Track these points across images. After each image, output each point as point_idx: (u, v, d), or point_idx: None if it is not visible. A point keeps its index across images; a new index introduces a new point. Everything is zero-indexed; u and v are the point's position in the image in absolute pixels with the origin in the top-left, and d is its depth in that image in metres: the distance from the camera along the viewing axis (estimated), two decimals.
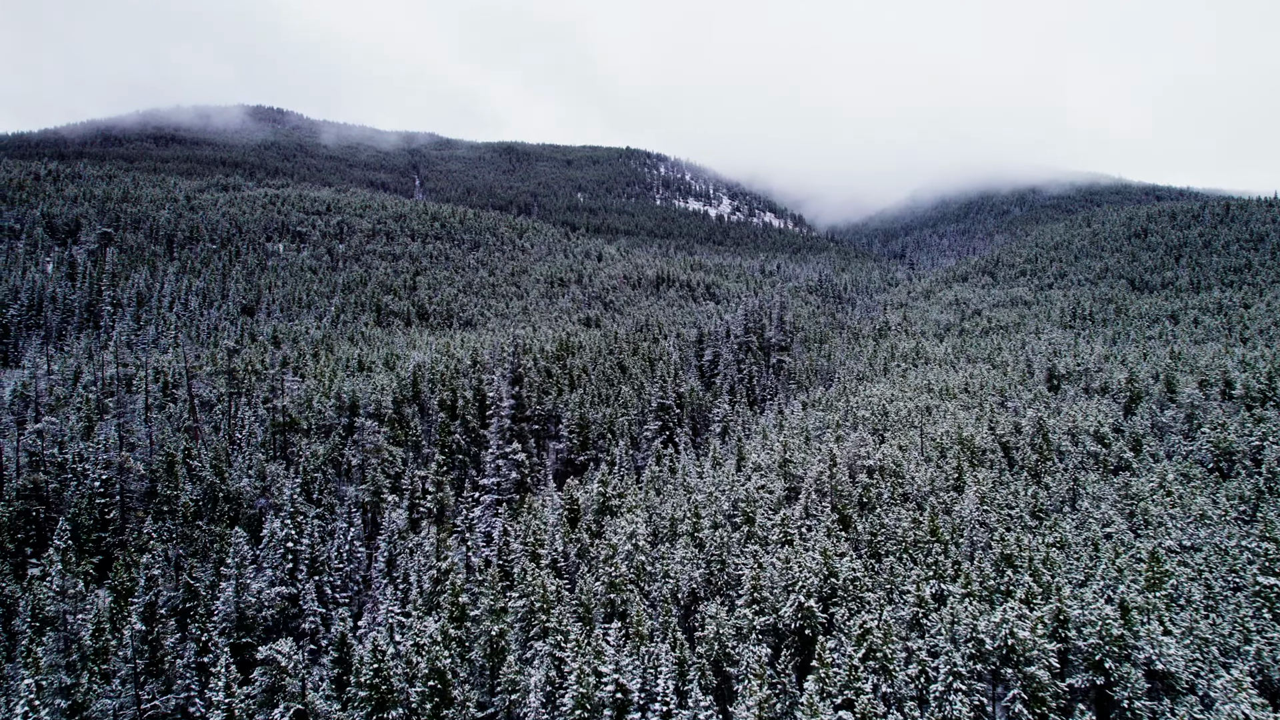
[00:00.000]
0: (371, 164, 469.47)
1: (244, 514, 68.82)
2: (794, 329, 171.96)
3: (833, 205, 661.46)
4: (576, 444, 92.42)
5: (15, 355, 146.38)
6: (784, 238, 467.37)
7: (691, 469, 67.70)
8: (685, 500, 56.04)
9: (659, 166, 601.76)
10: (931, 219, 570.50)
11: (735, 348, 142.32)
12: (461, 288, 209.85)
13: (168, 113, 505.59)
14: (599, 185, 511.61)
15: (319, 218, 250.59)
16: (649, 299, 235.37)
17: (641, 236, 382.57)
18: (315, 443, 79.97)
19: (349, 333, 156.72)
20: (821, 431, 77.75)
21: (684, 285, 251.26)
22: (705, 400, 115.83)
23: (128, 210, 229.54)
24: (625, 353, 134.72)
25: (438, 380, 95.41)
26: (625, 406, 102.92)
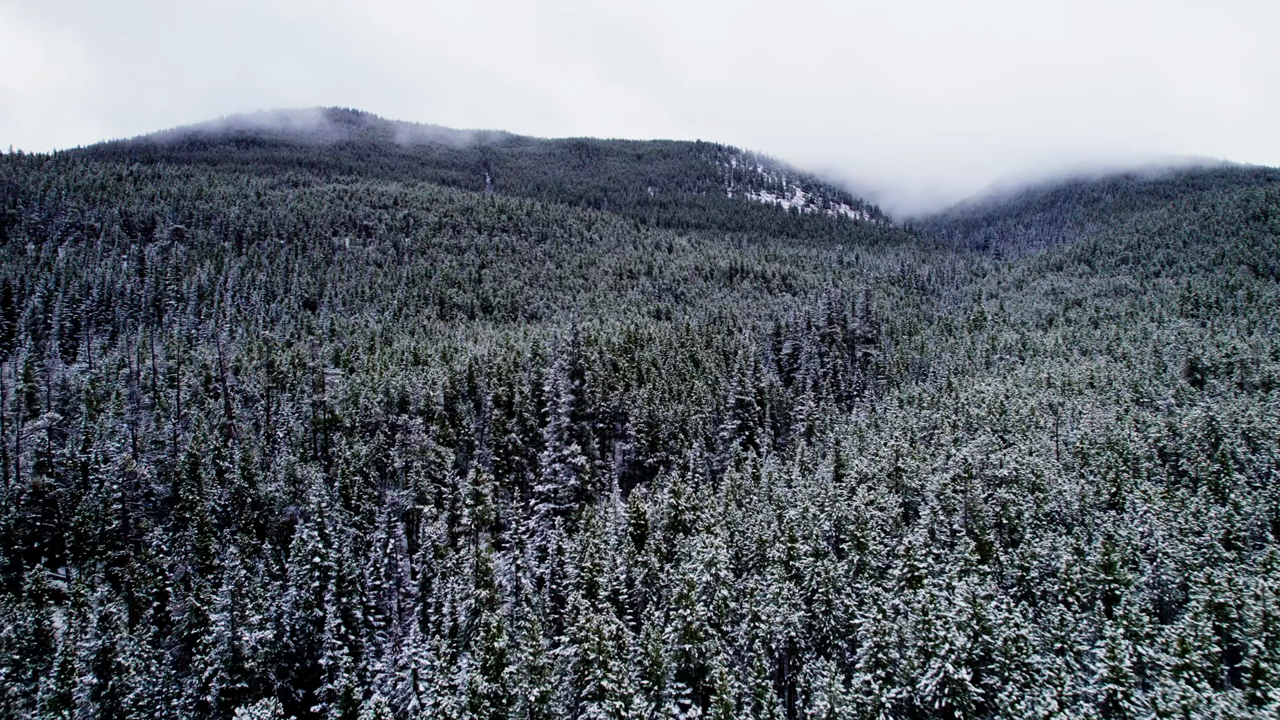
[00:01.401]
0: (444, 162, 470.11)
1: (275, 522, 61.85)
2: (879, 320, 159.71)
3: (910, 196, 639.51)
4: (645, 445, 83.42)
5: (86, 351, 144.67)
6: (860, 229, 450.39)
7: (778, 476, 57.92)
8: (774, 517, 46.44)
9: (730, 159, 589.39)
10: (1015, 208, 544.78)
11: (817, 340, 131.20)
12: (527, 280, 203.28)
13: (249, 117, 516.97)
14: (669, 179, 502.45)
15: (386, 211, 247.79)
16: (722, 290, 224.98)
17: (712, 230, 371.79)
18: (358, 442, 72.81)
19: (410, 326, 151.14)
20: (929, 432, 66.98)
21: (758, 276, 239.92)
22: (786, 397, 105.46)
23: (200, 207, 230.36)
24: (698, 345, 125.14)
25: (494, 374, 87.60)
26: (698, 403, 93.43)
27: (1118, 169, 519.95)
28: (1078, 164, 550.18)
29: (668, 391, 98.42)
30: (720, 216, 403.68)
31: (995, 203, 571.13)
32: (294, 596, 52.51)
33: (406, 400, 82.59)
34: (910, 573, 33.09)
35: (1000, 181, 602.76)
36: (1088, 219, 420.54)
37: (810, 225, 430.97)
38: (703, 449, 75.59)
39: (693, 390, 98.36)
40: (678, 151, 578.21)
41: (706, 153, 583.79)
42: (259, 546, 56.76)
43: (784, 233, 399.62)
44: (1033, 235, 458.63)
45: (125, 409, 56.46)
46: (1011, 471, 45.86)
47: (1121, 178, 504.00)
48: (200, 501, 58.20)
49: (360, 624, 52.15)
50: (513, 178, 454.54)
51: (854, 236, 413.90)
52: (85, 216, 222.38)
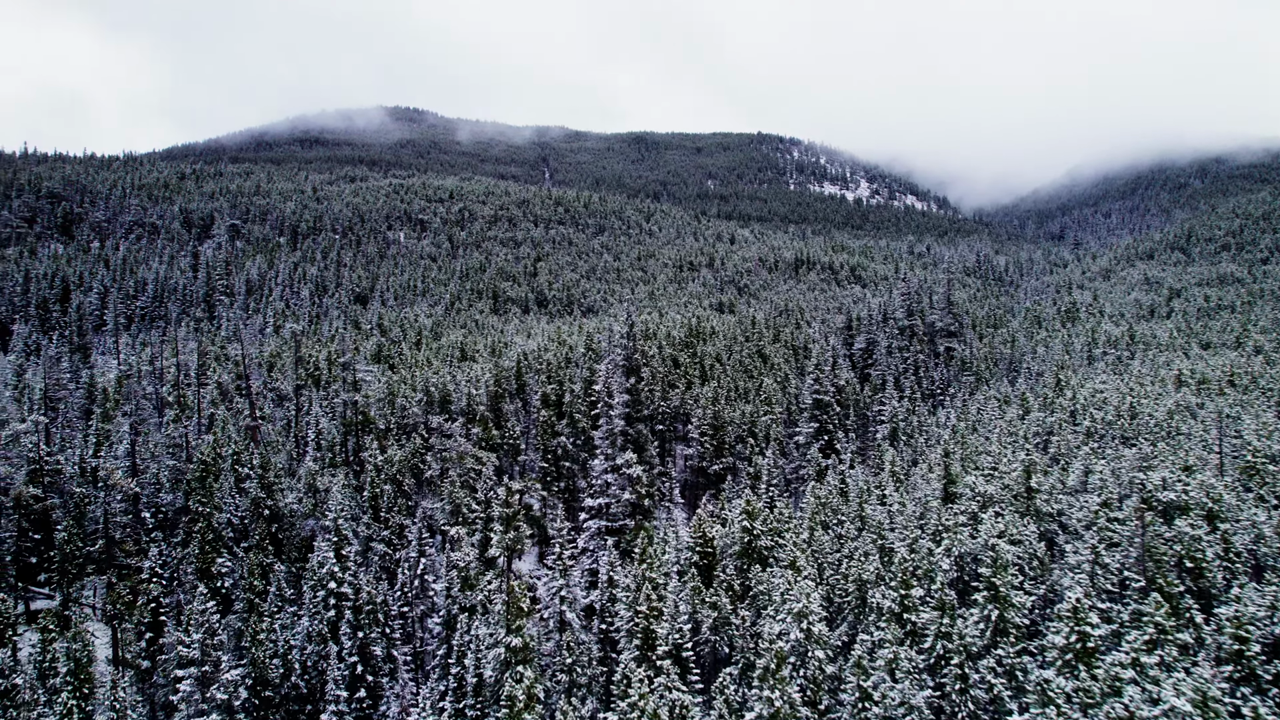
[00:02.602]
0: (503, 158, 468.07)
1: (295, 537, 55.13)
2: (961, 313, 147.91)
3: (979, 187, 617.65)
4: (709, 449, 74.87)
5: (126, 347, 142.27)
6: (927, 221, 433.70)
7: (869, 491, 48.81)
8: (874, 548, 37.50)
9: (792, 150, 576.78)
10: (1093, 197, 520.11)
11: (895, 334, 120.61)
12: (584, 273, 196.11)
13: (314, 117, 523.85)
14: (729, 171, 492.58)
15: (441, 205, 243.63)
16: (787, 282, 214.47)
17: (774, 222, 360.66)
18: (393, 445, 65.92)
19: (461, 320, 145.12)
20: (1044, 439, 57.06)
21: (825, 268, 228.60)
22: (864, 396, 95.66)
23: (257, 203, 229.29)
24: (765, 339, 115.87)
25: (543, 370, 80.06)
26: (768, 403, 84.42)
27: (1207, 152, 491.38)
28: (1162, 148, 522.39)
29: (734, 390, 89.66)
30: (782, 209, 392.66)
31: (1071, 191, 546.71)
32: (306, 627, 45.56)
33: (448, 399, 75.60)
34: (1079, 641, 24.16)
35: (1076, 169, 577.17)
36: (1174, 206, 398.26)
37: (876, 217, 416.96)
38: (776, 455, 66.74)
39: (761, 388, 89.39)
40: (738, 144, 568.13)
41: (767, 145, 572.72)
42: (269, 566, 50.00)
43: (848, 225, 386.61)
44: (1114, 224, 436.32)
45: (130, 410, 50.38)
46: (1179, 495, 35.97)
47: (1212, 161, 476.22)
48: (210, 513, 51.74)
49: (381, 662, 44.88)
50: (571, 173, 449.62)
51: (921, 228, 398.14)
52: (147, 214, 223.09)
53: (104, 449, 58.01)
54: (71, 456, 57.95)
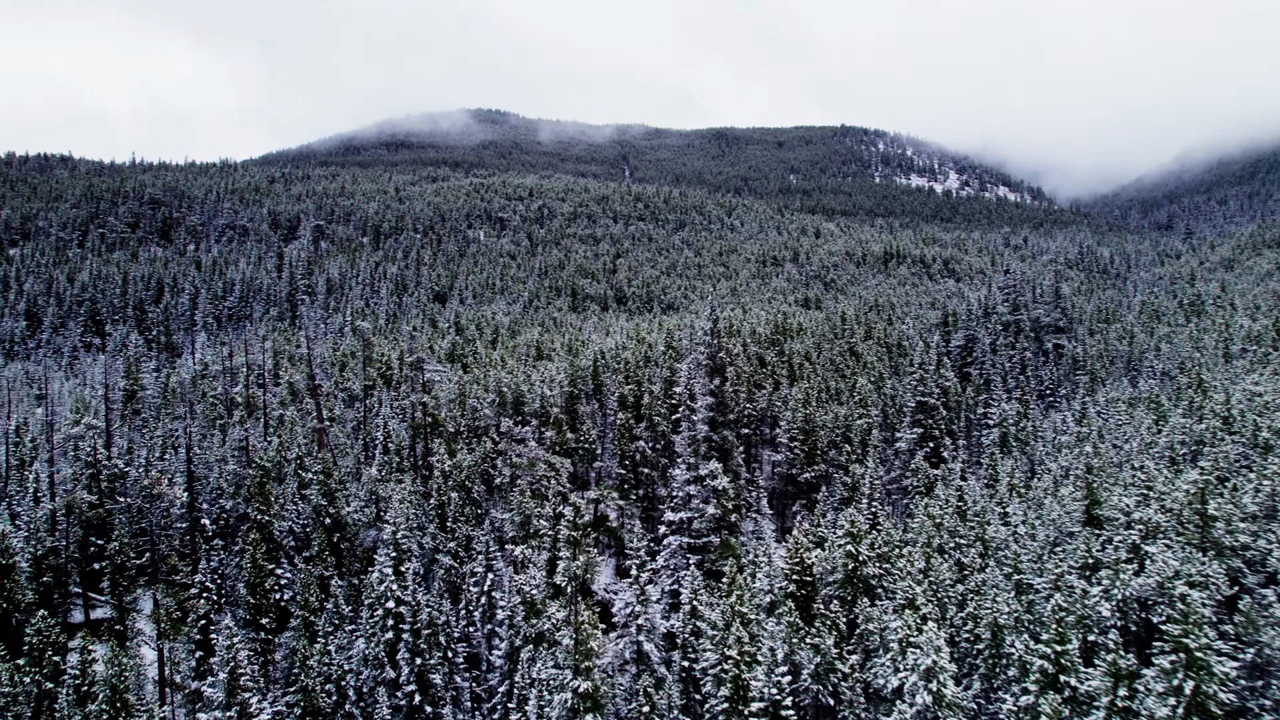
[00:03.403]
0: (583, 157, 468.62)
1: (357, 547, 51.94)
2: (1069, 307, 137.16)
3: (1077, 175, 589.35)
4: (800, 455, 69.00)
5: (199, 346, 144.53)
6: (1021, 212, 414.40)
7: (988, 508, 42.36)
8: (1010, 584, 31.37)
9: (877, 143, 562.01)
10: (1205, 183, 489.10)
11: (997, 330, 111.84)
12: (664, 269, 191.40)
13: (400, 121, 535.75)
14: (812, 165, 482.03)
15: (520, 203, 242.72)
16: (876, 277, 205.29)
17: (859, 216, 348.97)
18: (462, 450, 62.36)
19: (539, 318, 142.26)
20: (1192, 449, 49.37)
21: (916, 261, 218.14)
22: (966, 398, 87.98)
23: (342, 204, 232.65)
24: (857, 336, 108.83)
25: (621, 370, 75.57)
26: (863, 405, 77.96)
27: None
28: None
29: (825, 390, 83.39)
30: (867, 202, 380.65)
31: (1179, 178, 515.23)
32: (362, 650, 42.01)
33: (521, 401, 71.84)
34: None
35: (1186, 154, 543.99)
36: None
37: (966, 209, 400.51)
38: (877, 463, 60.40)
39: (855, 389, 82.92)
40: (821, 137, 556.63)
41: (851, 137, 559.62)
42: (328, 579, 46.75)
43: (937, 217, 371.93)
44: (1230, 211, 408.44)
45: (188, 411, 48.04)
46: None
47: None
48: (269, 522, 48.92)
49: (441, 690, 40.98)
50: (651, 170, 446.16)
51: (1014, 219, 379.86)
52: (239, 217, 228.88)
53: (168, 453, 56.17)
54: (138, 460, 56.24)
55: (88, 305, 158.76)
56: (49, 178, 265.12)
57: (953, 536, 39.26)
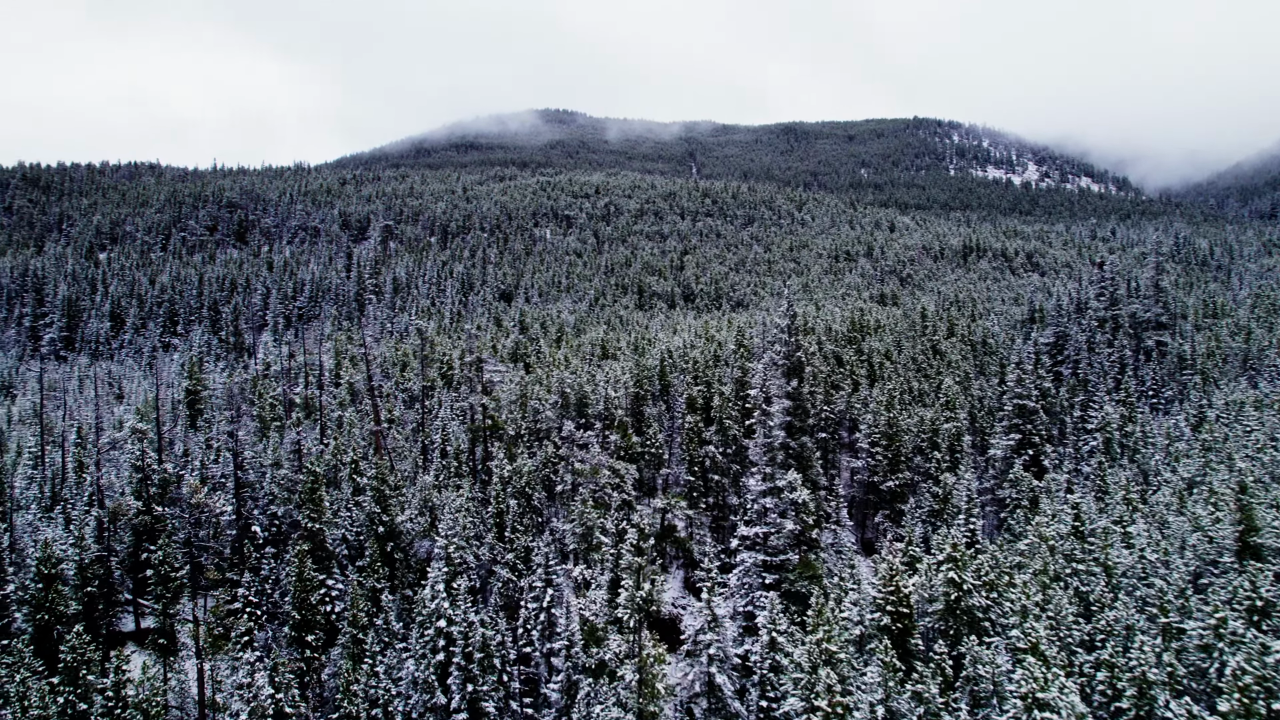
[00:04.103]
0: (650, 155, 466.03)
1: (411, 559, 49.34)
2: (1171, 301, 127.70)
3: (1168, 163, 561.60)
4: (882, 462, 64.13)
5: (266, 346, 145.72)
6: (1106, 203, 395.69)
7: (1109, 527, 37.10)
8: (1149, 624, 26.59)
9: (951, 134, 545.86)
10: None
11: (1092, 326, 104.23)
12: (733, 265, 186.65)
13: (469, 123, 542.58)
14: (884, 159, 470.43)
15: (586, 201, 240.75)
16: (955, 271, 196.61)
17: (934, 210, 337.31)
18: (523, 454, 59.41)
19: (605, 316, 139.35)
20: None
21: (998, 255, 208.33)
22: (1060, 399, 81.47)
23: (410, 204, 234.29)
24: (939, 333, 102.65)
25: (689, 370, 71.76)
26: (950, 407, 72.48)
27: None
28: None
29: (907, 391, 78.06)
30: (942, 195, 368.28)
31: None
32: (412, 672, 39.15)
33: (585, 402, 68.64)
34: None
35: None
36: None
37: (1046, 201, 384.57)
38: (970, 473, 55.26)
39: (941, 389, 77.40)
40: (893, 130, 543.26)
41: (925, 129, 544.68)
42: (380, 592, 44.12)
43: (1015, 210, 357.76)
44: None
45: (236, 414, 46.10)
46: None
47: None
48: (319, 530, 46.62)
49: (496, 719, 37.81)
50: (718, 167, 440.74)
51: (1099, 211, 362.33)
52: (310, 219, 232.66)
53: (223, 456, 54.66)
54: (193, 464, 54.89)
55: (166, 306, 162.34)
56: (137, 184, 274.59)
57: (1069, 562, 34.28)
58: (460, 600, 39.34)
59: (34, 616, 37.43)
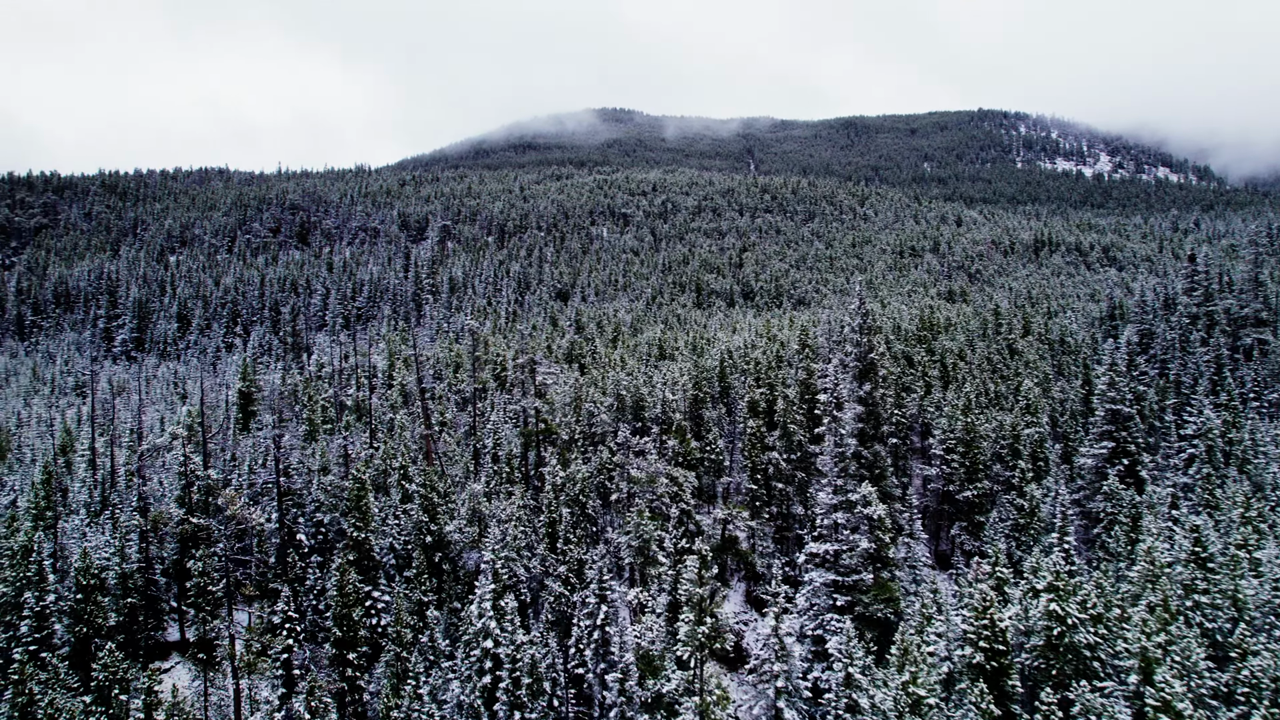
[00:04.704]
0: (707, 152, 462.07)
1: (459, 570, 47.22)
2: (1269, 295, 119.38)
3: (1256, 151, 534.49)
4: (959, 470, 59.90)
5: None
6: (1186, 194, 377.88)
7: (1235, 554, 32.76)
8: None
9: (1018, 126, 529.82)
10: None
11: (1183, 324, 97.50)
12: (793, 262, 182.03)
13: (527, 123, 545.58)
14: (947, 152, 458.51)
15: (644, 198, 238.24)
16: (1026, 267, 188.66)
17: (1000, 203, 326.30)
18: (577, 459, 56.92)
19: (663, 315, 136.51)
20: None
21: (1071, 249, 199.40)
22: (1149, 402, 75.70)
23: (468, 205, 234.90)
24: (1015, 332, 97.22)
25: (750, 371, 68.45)
26: (1030, 411, 67.72)
27: None
28: None
29: (983, 393, 73.39)
30: (1009, 189, 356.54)
31: None
32: (457, 694, 36.90)
33: (641, 405, 65.87)
34: None
35: None
36: None
37: (1120, 193, 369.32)
38: (1060, 484, 50.80)
39: (1019, 391, 72.57)
40: (956, 122, 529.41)
41: (990, 121, 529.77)
42: (426, 605, 42.01)
43: (1087, 203, 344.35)
44: None
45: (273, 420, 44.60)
46: None
47: None
48: (365, 539, 44.77)
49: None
50: (777, 163, 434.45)
51: (1179, 201, 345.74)
52: (370, 219, 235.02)
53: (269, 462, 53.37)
54: (242, 469, 53.75)
55: (230, 307, 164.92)
56: (206, 189, 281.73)
57: (1189, 593, 30.20)
58: (509, 618, 36.95)
59: (73, 628, 36.22)
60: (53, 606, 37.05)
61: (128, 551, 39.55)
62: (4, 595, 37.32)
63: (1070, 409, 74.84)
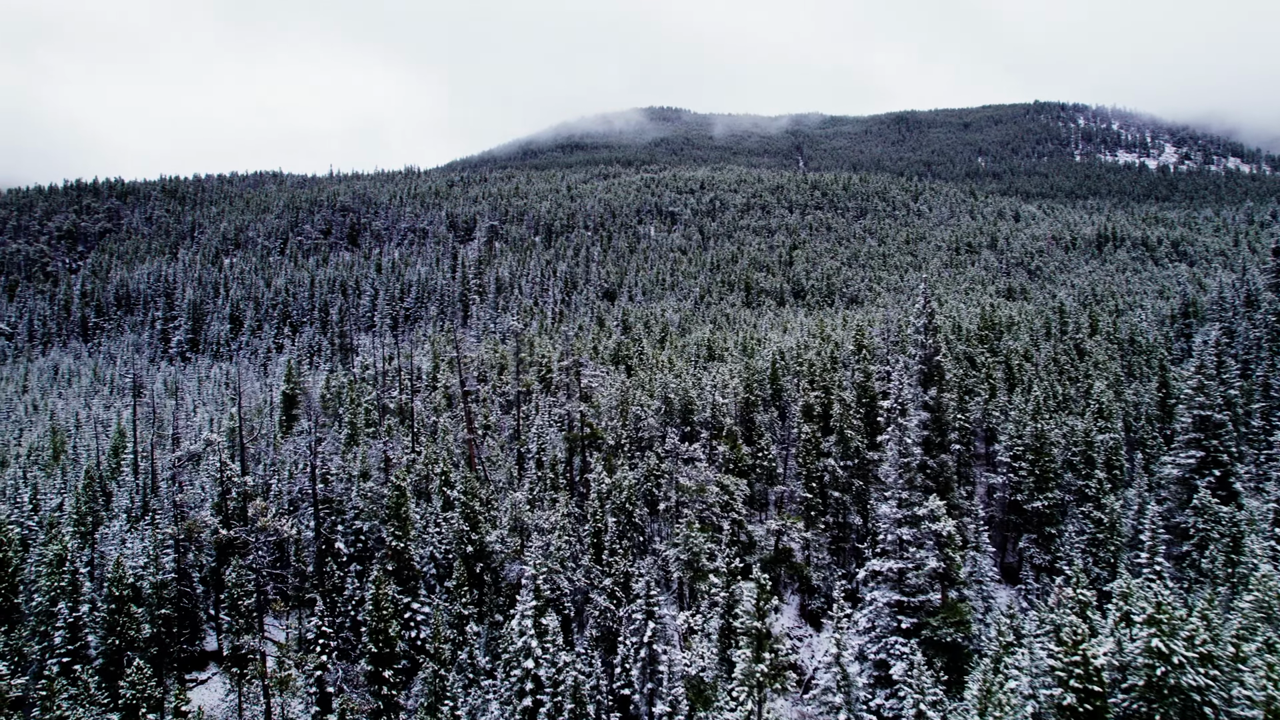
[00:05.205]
0: (756, 150, 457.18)
1: (501, 582, 45.39)
2: None
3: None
4: (1027, 478, 56.33)
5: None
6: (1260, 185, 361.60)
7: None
8: None
9: (1076, 118, 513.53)
10: None
11: (1269, 322, 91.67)
12: (845, 260, 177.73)
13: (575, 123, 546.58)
14: (1002, 146, 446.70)
15: (691, 196, 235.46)
16: (1089, 263, 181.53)
17: (1059, 198, 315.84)
18: (623, 465, 54.80)
19: (711, 315, 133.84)
20: None
21: (1138, 243, 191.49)
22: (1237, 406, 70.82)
23: (515, 205, 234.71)
24: (1082, 331, 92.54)
25: (804, 373, 65.59)
26: (1103, 415, 63.71)
27: None
28: None
29: (1050, 397, 69.43)
30: (1067, 183, 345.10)
31: None
32: (496, 717, 34.99)
33: (690, 409, 63.47)
34: None
35: None
36: None
37: (1187, 185, 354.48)
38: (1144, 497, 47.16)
39: (1090, 394, 68.47)
40: (1011, 116, 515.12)
41: (1046, 114, 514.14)
42: (466, 619, 40.23)
43: (1151, 195, 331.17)
44: None
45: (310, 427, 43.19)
46: None
47: None
48: (403, 548, 43.21)
49: None
50: (826, 159, 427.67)
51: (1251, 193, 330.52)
52: (419, 220, 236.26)
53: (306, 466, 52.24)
54: (282, 474, 52.76)
55: (280, 308, 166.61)
56: (260, 192, 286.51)
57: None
58: (551, 637, 34.96)
59: (105, 640, 35.21)
60: (86, 617, 36.09)
61: (162, 561, 38.47)
62: (39, 605, 36.47)
63: (1145, 413, 70.52)
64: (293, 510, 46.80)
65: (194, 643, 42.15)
